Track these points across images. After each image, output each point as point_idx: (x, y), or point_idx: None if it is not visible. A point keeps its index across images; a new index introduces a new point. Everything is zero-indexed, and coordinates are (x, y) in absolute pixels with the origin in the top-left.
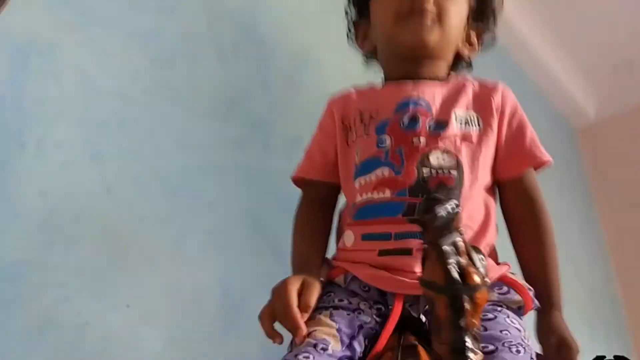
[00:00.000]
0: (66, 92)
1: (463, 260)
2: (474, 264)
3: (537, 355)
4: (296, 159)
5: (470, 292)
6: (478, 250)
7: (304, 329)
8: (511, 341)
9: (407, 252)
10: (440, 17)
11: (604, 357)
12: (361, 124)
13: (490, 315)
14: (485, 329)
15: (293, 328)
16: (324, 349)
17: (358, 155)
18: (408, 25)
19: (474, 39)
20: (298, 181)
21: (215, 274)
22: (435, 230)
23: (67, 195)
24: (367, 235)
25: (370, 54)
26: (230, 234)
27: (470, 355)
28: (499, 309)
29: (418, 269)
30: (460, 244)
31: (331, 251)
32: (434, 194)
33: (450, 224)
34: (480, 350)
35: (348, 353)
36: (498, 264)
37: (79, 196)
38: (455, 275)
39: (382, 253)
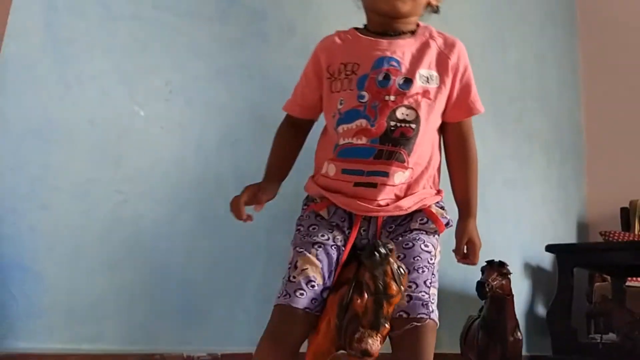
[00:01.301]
0: (91, 26)
1: (387, 278)
2: (394, 279)
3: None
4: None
5: (388, 298)
6: (401, 271)
7: (243, 216)
8: (419, 264)
9: (374, 185)
10: None
11: (493, 260)
12: (345, 78)
13: (410, 244)
14: (405, 256)
15: (236, 216)
16: (313, 286)
17: (342, 104)
18: None
19: None
20: (288, 111)
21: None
22: (371, 265)
23: (109, 121)
24: (346, 170)
25: None
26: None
27: (381, 328)
28: (418, 236)
29: (379, 198)
30: (389, 268)
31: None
32: (376, 245)
33: (384, 261)
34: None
35: (328, 284)
36: (438, 190)
37: (117, 121)
38: (380, 287)
39: (357, 184)
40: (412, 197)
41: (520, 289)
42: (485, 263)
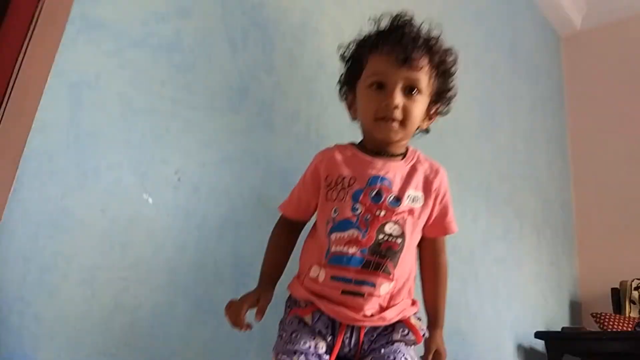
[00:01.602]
0: (112, 120)
1: None
2: None
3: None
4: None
5: None
6: None
7: (243, 325)
8: None
9: (361, 294)
10: (404, 120)
11: None
12: (342, 190)
13: (392, 357)
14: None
15: (234, 324)
16: None
17: (336, 212)
18: (381, 127)
19: (434, 113)
20: (283, 212)
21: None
22: None
23: (119, 209)
24: (335, 277)
25: (355, 118)
26: (242, 214)
27: None
28: (399, 348)
29: (366, 308)
30: None
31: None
32: None
33: None
34: None
35: None
36: (413, 300)
37: (127, 209)
38: None
39: (344, 292)
40: (395, 308)
41: None
42: None
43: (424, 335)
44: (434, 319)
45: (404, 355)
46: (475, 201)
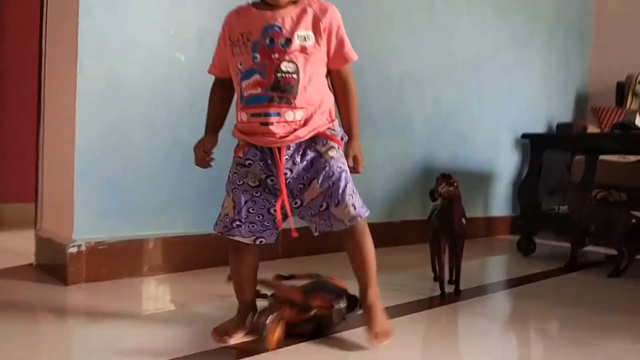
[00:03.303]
0: None
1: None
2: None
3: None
4: None
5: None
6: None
7: (205, 164)
8: (333, 173)
9: (271, 123)
10: None
11: (443, 173)
12: (242, 44)
13: (326, 170)
14: (323, 174)
15: (203, 166)
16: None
17: (242, 65)
18: None
19: None
20: (212, 74)
21: None
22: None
23: (159, 68)
24: (252, 114)
25: None
26: None
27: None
28: (325, 159)
29: (277, 132)
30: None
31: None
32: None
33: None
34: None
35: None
36: (332, 119)
37: (165, 68)
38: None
39: (262, 124)
40: (306, 127)
41: (510, 161)
42: (439, 175)
43: (342, 139)
44: (349, 132)
45: (335, 165)
46: (483, 10)
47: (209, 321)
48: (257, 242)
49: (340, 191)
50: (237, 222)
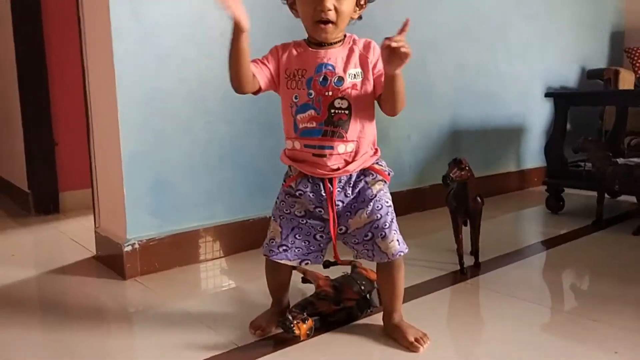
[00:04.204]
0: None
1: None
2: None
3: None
4: None
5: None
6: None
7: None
8: (381, 207)
9: (324, 155)
10: (337, 20)
11: (455, 158)
12: (298, 80)
13: (374, 203)
14: (372, 206)
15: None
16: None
17: (297, 98)
18: (318, 29)
19: (364, 3)
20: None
21: None
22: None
23: (191, 75)
24: (306, 145)
25: (298, 17)
26: None
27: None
28: (373, 191)
29: (330, 164)
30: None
31: None
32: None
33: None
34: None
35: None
36: (376, 148)
37: (196, 71)
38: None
39: (314, 155)
40: (356, 162)
41: (542, 112)
42: (450, 161)
43: (389, 173)
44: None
45: (383, 199)
46: None
47: (253, 306)
48: (303, 264)
49: (387, 225)
50: (284, 247)
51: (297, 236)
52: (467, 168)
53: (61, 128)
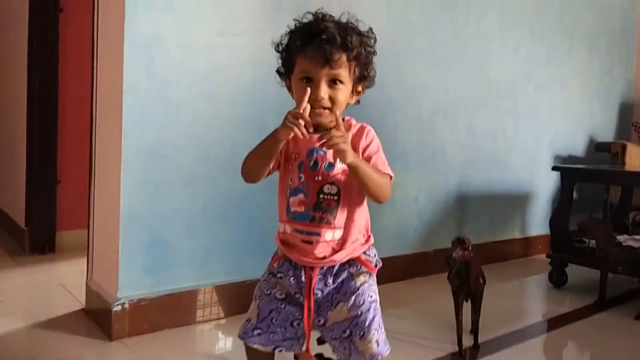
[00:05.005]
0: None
1: None
2: None
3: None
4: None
5: None
6: None
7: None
8: (363, 302)
9: (311, 242)
10: (332, 106)
11: (458, 237)
12: (292, 162)
13: (356, 297)
14: (353, 300)
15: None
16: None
17: (292, 181)
18: (313, 113)
19: (360, 91)
20: None
21: None
22: None
23: (195, 105)
24: (296, 229)
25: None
26: None
27: None
28: (356, 283)
29: (316, 252)
30: None
31: None
32: None
33: None
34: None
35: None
36: (368, 235)
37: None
38: None
39: (303, 241)
40: (344, 251)
41: (549, 179)
42: (454, 239)
43: (376, 266)
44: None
45: (367, 293)
46: (517, 32)
47: None
48: (276, 351)
49: (367, 323)
50: (258, 331)
51: (273, 320)
52: (469, 248)
53: (66, 166)
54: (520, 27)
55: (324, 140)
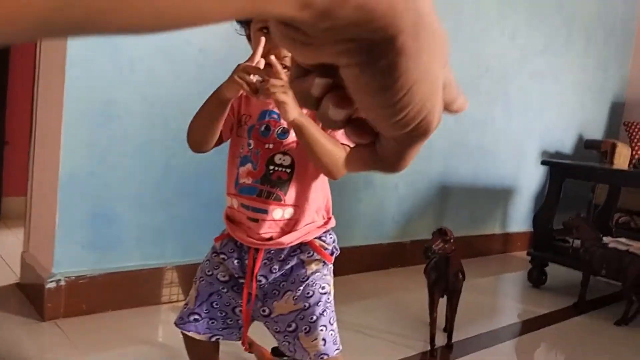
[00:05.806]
0: None
1: None
2: None
3: None
4: None
5: None
6: None
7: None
8: (312, 294)
9: (256, 220)
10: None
11: (440, 228)
12: (242, 127)
13: (305, 287)
14: (301, 290)
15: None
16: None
17: (242, 148)
18: (270, 71)
19: None
20: None
21: None
22: None
23: (156, 92)
24: (242, 205)
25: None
26: None
27: None
28: (307, 271)
29: (261, 232)
30: None
31: None
32: None
33: None
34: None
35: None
36: (329, 217)
37: (162, 91)
38: None
39: (249, 218)
40: (295, 233)
41: (534, 175)
42: (435, 230)
43: (332, 254)
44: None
45: (318, 283)
46: (515, 17)
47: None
48: (213, 339)
49: (315, 318)
50: (196, 316)
51: (214, 304)
52: (451, 241)
53: (15, 126)
54: (519, 12)
55: (257, 90)
